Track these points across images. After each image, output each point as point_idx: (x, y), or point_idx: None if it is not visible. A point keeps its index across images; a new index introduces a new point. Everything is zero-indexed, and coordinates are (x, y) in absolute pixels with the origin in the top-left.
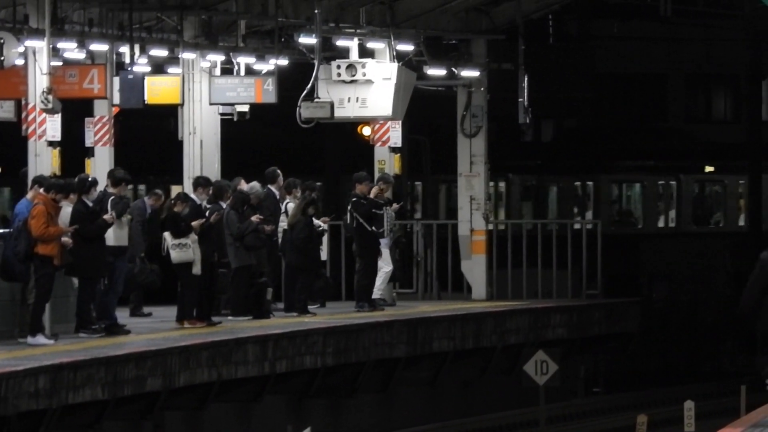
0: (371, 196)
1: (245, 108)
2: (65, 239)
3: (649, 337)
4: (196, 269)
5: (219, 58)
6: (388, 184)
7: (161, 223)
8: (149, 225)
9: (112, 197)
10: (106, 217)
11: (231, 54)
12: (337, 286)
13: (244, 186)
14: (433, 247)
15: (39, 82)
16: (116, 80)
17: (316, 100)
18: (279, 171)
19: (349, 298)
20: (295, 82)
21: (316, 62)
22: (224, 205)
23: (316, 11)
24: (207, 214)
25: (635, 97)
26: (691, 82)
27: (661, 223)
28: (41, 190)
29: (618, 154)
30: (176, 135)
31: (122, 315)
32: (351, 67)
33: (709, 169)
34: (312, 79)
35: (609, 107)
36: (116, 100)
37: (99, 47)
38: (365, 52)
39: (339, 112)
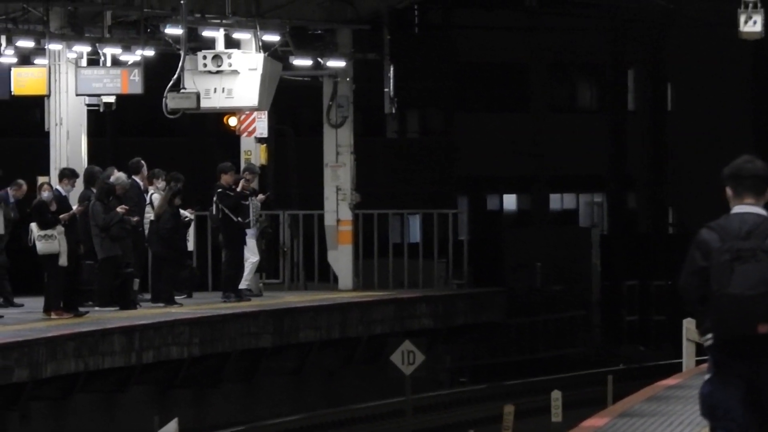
0: (238, 189)
1: (111, 99)
2: None
3: (515, 326)
4: (63, 260)
5: (85, 49)
6: (254, 174)
7: (27, 214)
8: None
9: None
10: None
11: (97, 45)
12: (203, 276)
13: (117, 176)
14: (300, 237)
15: None
16: None
17: (182, 90)
18: (143, 162)
19: (215, 289)
20: (161, 72)
21: (182, 53)
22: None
23: (181, 2)
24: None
25: (498, 86)
26: (554, 71)
27: None
28: None
29: None
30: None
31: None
32: (217, 57)
33: None
34: (178, 69)
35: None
36: None
37: None
38: (231, 43)
39: (205, 103)
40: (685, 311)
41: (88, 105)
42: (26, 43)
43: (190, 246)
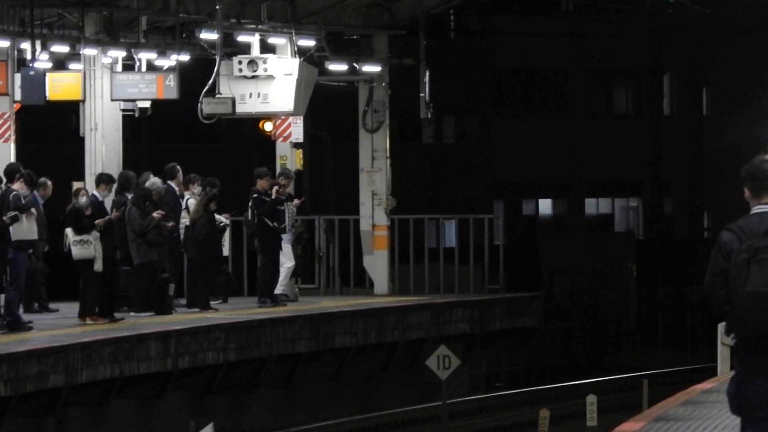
0: (273, 194)
1: (147, 104)
2: None
3: (550, 331)
4: (98, 266)
5: (120, 54)
6: (289, 179)
7: (63, 219)
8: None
9: (14, 193)
10: (4, 218)
11: (132, 50)
12: (239, 281)
13: (152, 181)
14: (336, 242)
15: None
16: (18, 77)
17: (217, 95)
18: (178, 167)
19: (251, 294)
20: (196, 78)
21: (217, 58)
22: (129, 197)
23: (217, 7)
24: (111, 206)
25: (535, 92)
26: (591, 77)
27: None
28: None
29: None
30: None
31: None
32: (252, 62)
33: None
34: (213, 74)
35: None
36: (18, 96)
37: (0, 44)
38: (267, 48)
39: (240, 108)
40: (717, 316)
41: (124, 110)
42: (61, 49)
43: (226, 251)
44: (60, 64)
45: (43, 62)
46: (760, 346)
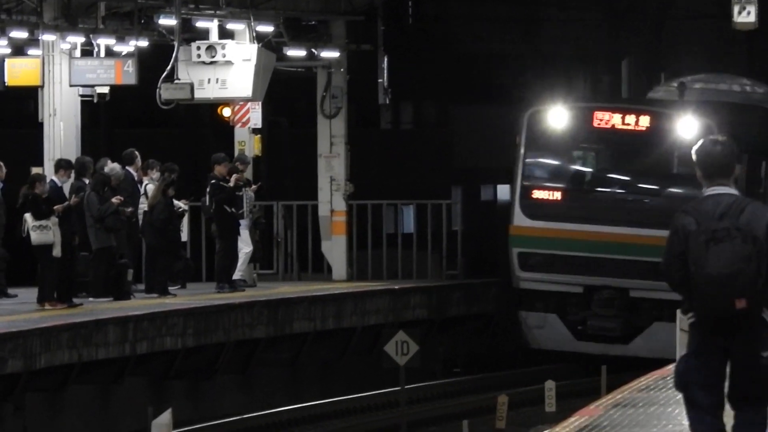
0: (231, 182)
1: (105, 89)
2: None
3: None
4: (57, 251)
5: (79, 39)
6: (245, 164)
7: (21, 205)
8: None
9: None
10: None
11: (91, 36)
12: (197, 267)
13: (111, 166)
14: (294, 227)
15: None
16: None
17: (176, 81)
18: (137, 152)
19: (209, 280)
20: (155, 63)
21: (175, 44)
22: (87, 182)
23: None
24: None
25: (493, 78)
26: (549, 62)
27: None
28: None
29: None
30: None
31: None
32: (211, 48)
33: None
34: (172, 60)
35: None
36: None
37: None
38: (225, 34)
39: (199, 94)
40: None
41: (82, 96)
42: (20, 34)
43: (184, 237)
44: (18, 49)
45: (1, 48)
46: (717, 326)
